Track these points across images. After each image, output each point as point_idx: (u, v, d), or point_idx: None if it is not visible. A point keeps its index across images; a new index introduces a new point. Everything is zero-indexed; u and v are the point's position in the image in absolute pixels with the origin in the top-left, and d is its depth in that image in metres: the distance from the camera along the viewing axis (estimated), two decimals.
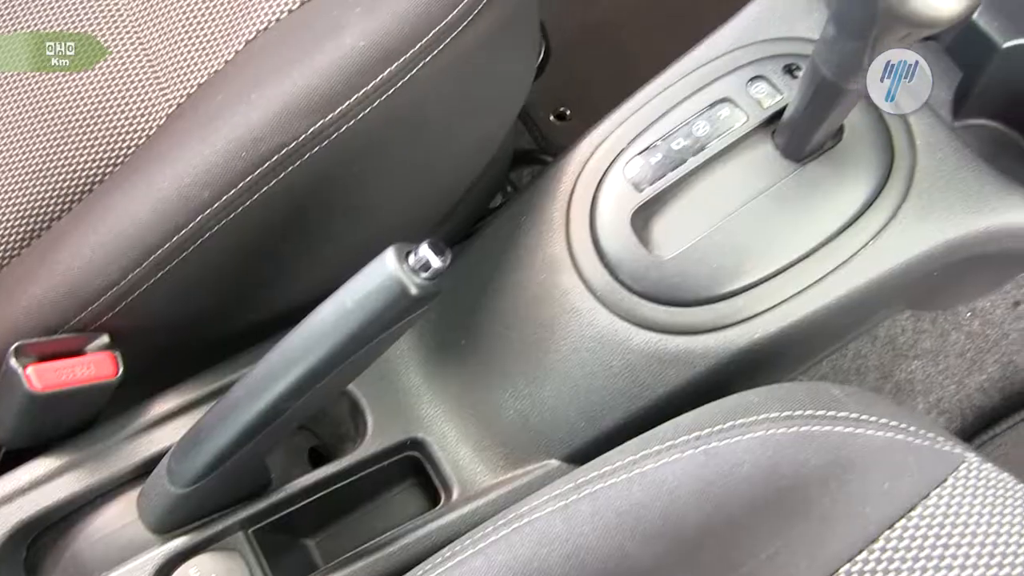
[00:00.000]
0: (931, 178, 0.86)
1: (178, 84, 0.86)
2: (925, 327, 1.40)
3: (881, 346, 1.39)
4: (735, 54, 0.91)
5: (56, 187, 0.85)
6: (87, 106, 0.86)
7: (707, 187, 0.87)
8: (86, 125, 0.86)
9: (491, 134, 0.98)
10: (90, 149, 0.86)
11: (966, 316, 1.41)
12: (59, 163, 0.85)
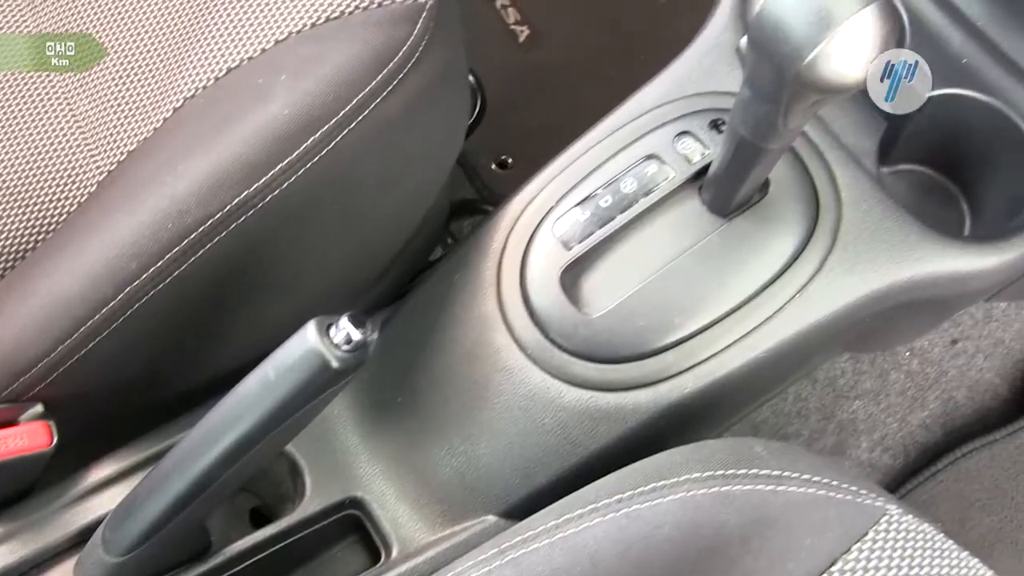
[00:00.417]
0: (856, 230, 0.88)
1: (108, 151, 0.86)
2: (864, 368, 1.41)
3: (821, 388, 1.41)
4: (662, 109, 0.92)
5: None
6: (18, 173, 0.86)
7: (635, 244, 0.87)
8: (17, 192, 0.86)
9: (423, 193, 0.99)
10: (22, 217, 0.86)
11: (905, 356, 1.42)
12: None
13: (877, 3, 0.59)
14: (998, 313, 1.45)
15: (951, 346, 1.44)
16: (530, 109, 1.52)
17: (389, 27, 0.84)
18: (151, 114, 0.86)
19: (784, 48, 0.60)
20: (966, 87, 0.94)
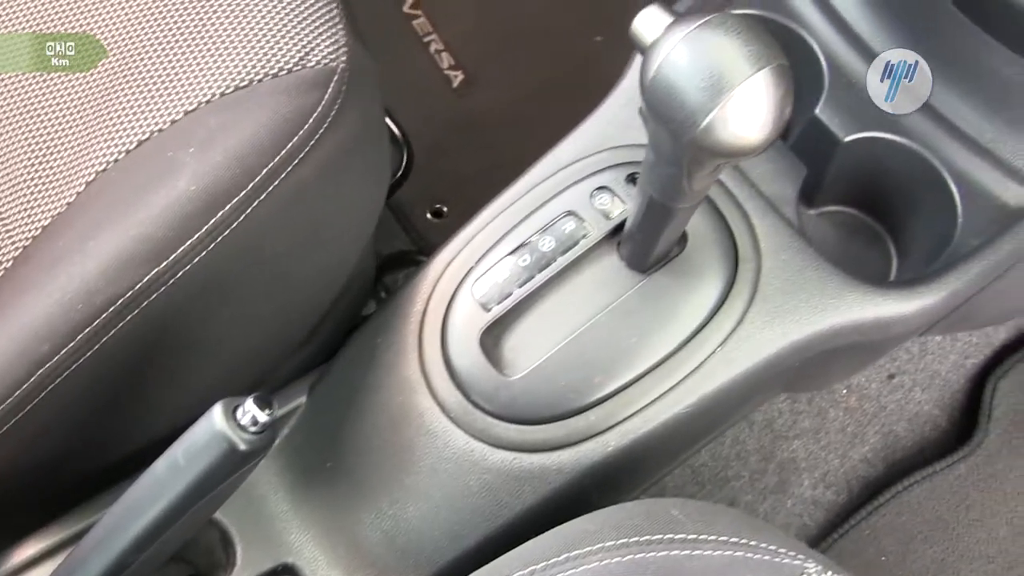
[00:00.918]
0: (776, 280, 0.88)
1: (23, 227, 0.86)
2: (802, 408, 1.42)
3: (759, 430, 1.41)
4: (579, 164, 0.92)
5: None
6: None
7: (555, 303, 0.87)
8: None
9: (344, 255, 0.98)
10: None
11: (843, 393, 1.43)
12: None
13: (771, 66, 0.58)
14: (933, 346, 1.46)
15: (888, 381, 1.44)
16: (465, 155, 1.52)
17: (299, 94, 0.84)
18: (64, 189, 0.85)
19: (678, 115, 0.59)
20: (885, 130, 0.95)
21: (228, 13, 0.87)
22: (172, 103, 0.84)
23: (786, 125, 0.62)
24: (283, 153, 0.81)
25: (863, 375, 1.44)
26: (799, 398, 1.41)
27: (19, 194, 0.86)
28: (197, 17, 0.87)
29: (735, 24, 0.59)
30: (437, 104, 1.59)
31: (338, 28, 0.89)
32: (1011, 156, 0.92)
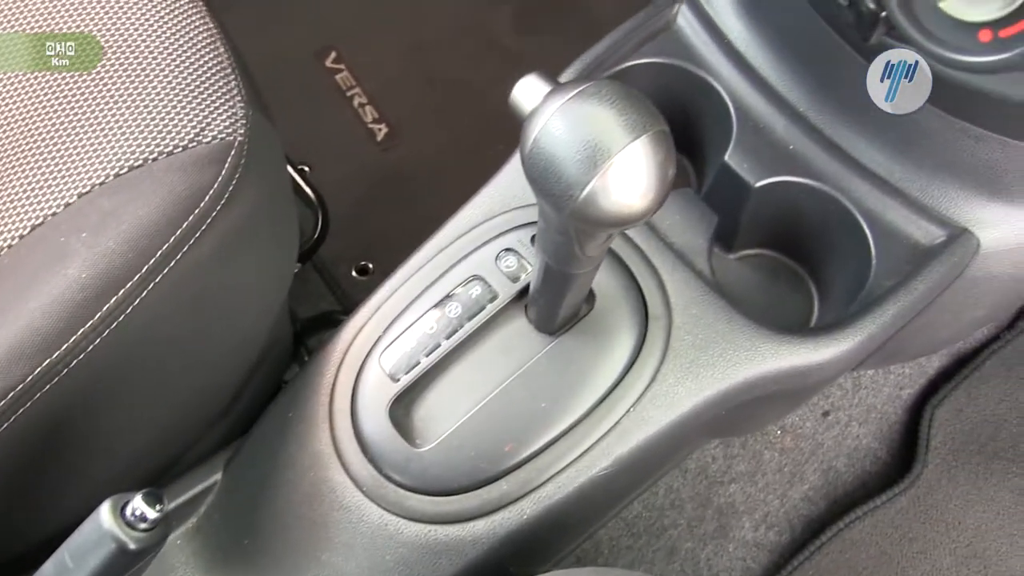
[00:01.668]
0: (688, 336, 0.87)
1: None
2: (736, 452, 1.40)
3: (693, 477, 1.39)
4: (485, 226, 0.91)
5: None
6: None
7: (464, 370, 0.86)
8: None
9: (254, 329, 0.97)
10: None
11: (777, 434, 1.42)
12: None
13: (648, 134, 0.57)
14: (867, 380, 1.46)
15: (823, 418, 1.44)
16: (390, 210, 1.51)
17: (195, 171, 0.82)
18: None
19: (555, 187, 0.58)
20: (795, 174, 0.95)
21: (122, 92, 0.86)
22: (66, 186, 0.83)
23: (670, 190, 0.61)
24: (178, 234, 0.79)
25: (797, 415, 1.43)
26: (732, 442, 1.40)
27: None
28: (92, 98, 0.86)
29: (610, 92, 0.58)
30: (362, 159, 1.59)
31: (235, 100, 0.88)
32: (921, 195, 0.92)
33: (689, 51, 1.00)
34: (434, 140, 1.59)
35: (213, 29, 0.94)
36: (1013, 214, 0.91)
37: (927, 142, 0.90)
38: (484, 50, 1.71)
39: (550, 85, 0.62)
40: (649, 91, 0.99)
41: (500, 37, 1.73)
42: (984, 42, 0.60)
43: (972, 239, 0.91)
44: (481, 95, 1.55)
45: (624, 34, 1.01)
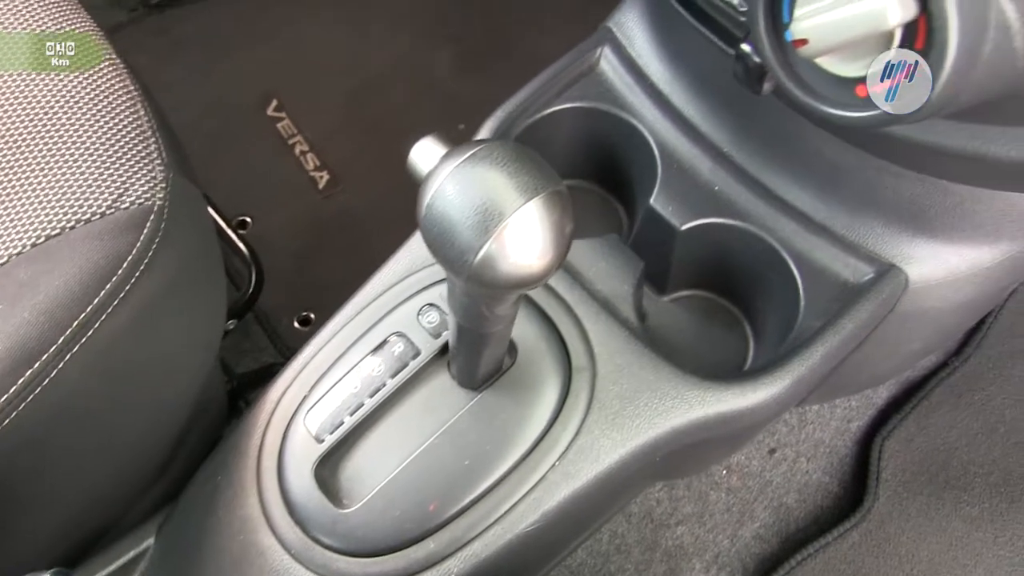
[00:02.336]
0: (614, 386, 0.86)
1: None
2: (681, 494, 1.39)
3: (638, 521, 1.38)
4: (406, 282, 0.90)
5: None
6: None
7: (388, 428, 0.85)
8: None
9: (181, 391, 0.96)
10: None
11: (722, 474, 1.41)
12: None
13: (542, 195, 0.57)
14: (812, 416, 1.45)
15: (770, 456, 1.43)
16: (331, 259, 1.50)
17: (112, 238, 0.82)
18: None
19: (450, 252, 0.58)
20: (721, 215, 0.95)
21: (40, 161, 0.85)
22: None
23: (568, 248, 0.61)
24: (95, 303, 0.79)
25: (742, 454, 1.42)
26: (676, 484, 1.39)
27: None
28: (9, 167, 0.85)
29: (502, 155, 0.58)
30: (303, 207, 1.58)
31: (155, 164, 0.87)
32: (847, 232, 0.92)
33: (612, 94, 1.00)
34: (375, 186, 1.59)
35: (134, 92, 0.93)
36: (938, 249, 0.90)
37: (849, 180, 0.89)
38: (425, 93, 1.72)
39: (445, 148, 0.62)
40: (575, 136, 1.01)
41: (441, 79, 1.74)
42: (862, 97, 0.60)
43: (900, 275, 0.91)
44: (422, 137, 1.55)
45: (547, 79, 1.01)
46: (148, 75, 1.67)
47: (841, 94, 0.61)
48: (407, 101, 1.69)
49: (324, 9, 1.82)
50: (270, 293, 1.38)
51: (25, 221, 0.82)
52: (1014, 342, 1.50)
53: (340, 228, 1.55)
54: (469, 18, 1.80)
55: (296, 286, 1.47)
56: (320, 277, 1.46)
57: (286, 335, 1.44)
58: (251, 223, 1.55)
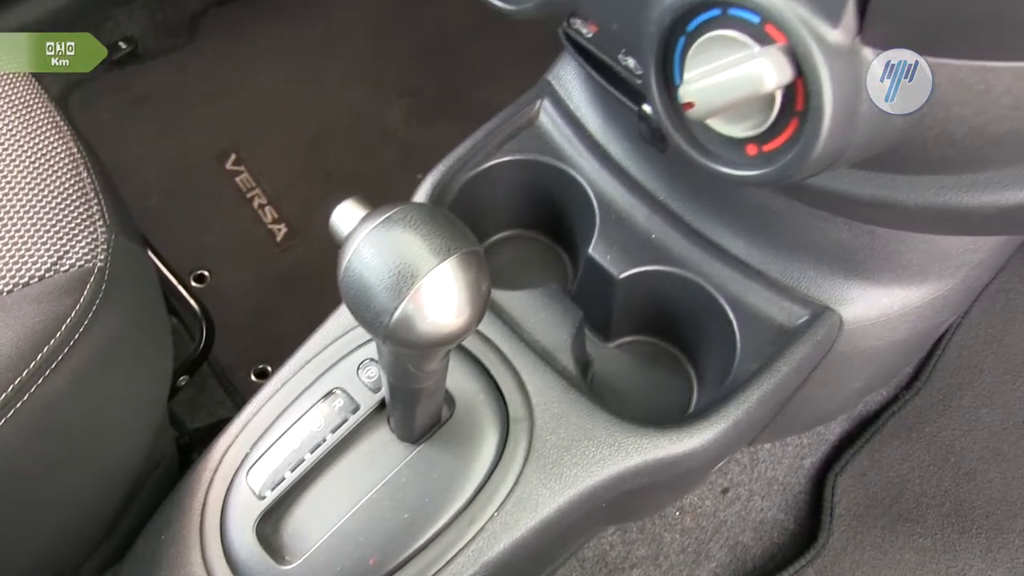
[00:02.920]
0: (551, 436, 0.88)
1: None
2: (634, 537, 1.40)
3: (592, 566, 1.38)
4: (347, 337, 0.92)
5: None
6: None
7: (328, 483, 0.86)
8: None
9: (126, 452, 0.96)
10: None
11: (676, 516, 1.42)
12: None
13: (455, 255, 0.59)
14: (764, 454, 1.46)
15: (723, 495, 1.44)
16: (288, 311, 1.51)
17: (50, 302, 0.82)
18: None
19: (368, 314, 0.60)
20: (658, 263, 0.97)
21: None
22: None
23: (486, 305, 0.62)
24: (31, 367, 0.79)
25: (695, 495, 1.43)
26: (629, 528, 1.40)
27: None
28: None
29: (416, 217, 0.60)
30: (261, 260, 1.59)
31: (97, 226, 0.88)
32: (781, 276, 0.94)
33: (552, 146, 1.02)
34: (331, 238, 1.59)
35: (76, 154, 0.94)
36: (870, 290, 0.92)
37: (780, 225, 0.91)
38: (380, 144, 1.74)
39: (365, 210, 0.63)
40: (518, 187, 1.03)
41: (396, 130, 1.76)
42: (752, 156, 0.62)
43: (834, 316, 0.93)
44: (378, 189, 1.57)
45: (487, 133, 1.03)
46: (109, 131, 1.71)
47: (732, 153, 0.64)
48: (363, 153, 1.71)
49: (281, 63, 1.85)
50: (227, 346, 1.39)
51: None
52: (961, 374, 1.52)
53: (297, 280, 1.56)
54: (423, 70, 1.82)
55: (253, 339, 1.47)
56: (277, 329, 1.47)
57: (243, 388, 1.45)
58: (209, 277, 1.56)
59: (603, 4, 0.67)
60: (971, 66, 0.54)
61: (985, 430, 1.49)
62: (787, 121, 0.59)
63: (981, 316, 1.56)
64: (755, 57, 0.56)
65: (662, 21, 0.61)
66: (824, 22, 0.55)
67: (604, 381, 1.04)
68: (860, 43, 0.55)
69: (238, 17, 1.94)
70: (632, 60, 0.68)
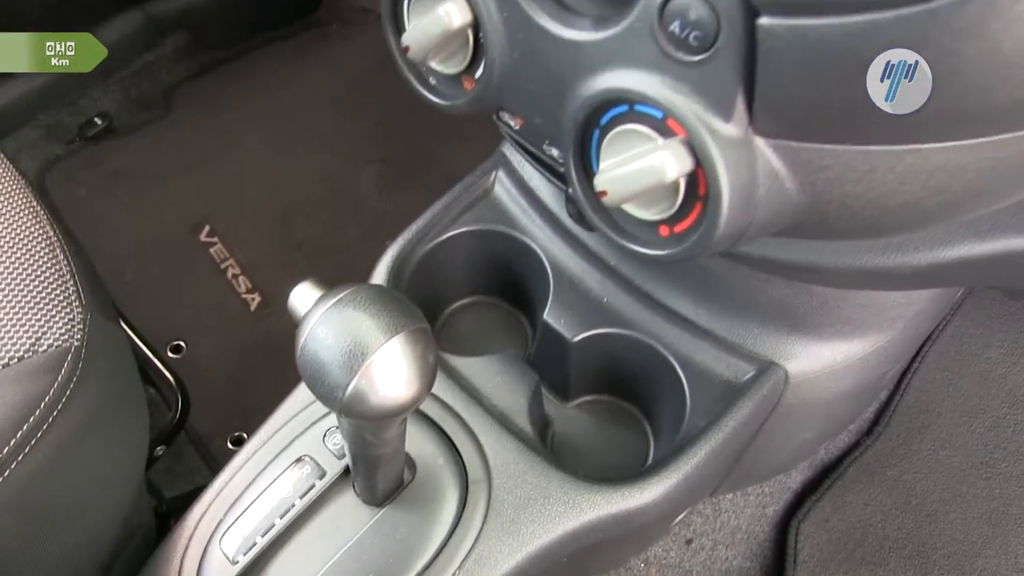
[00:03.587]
0: (509, 496, 0.91)
1: None
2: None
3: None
4: (314, 407, 0.96)
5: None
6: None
7: (297, 547, 0.89)
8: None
9: (103, 524, 0.98)
10: None
11: (640, 567, 1.44)
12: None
13: (402, 333, 0.63)
14: (727, 504, 1.49)
15: (687, 546, 1.46)
16: (264, 379, 1.54)
17: (30, 381, 0.86)
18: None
19: (323, 389, 0.64)
20: (610, 326, 1.01)
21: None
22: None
23: (434, 377, 0.67)
24: (11, 445, 0.82)
25: (659, 546, 1.45)
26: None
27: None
28: None
29: (366, 298, 0.64)
30: (236, 329, 1.63)
31: (73, 306, 0.92)
32: (728, 334, 0.98)
33: (507, 216, 1.07)
34: None
35: (52, 237, 0.98)
36: (813, 344, 0.97)
37: (724, 285, 0.96)
38: (351, 211, 1.78)
39: (320, 292, 0.68)
40: (476, 255, 1.08)
41: (366, 197, 1.81)
42: (664, 236, 0.67)
43: (779, 371, 0.97)
44: (349, 256, 1.62)
45: (445, 205, 1.07)
46: (85, 206, 1.75)
47: (647, 234, 0.68)
48: (334, 221, 1.76)
49: (252, 136, 1.90)
50: (204, 415, 1.42)
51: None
52: (920, 417, 1.56)
53: (271, 348, 1.59)
54: (391, 139, 1.87)
55: (229, 406, 1.50)
56: (252, 397, 1.49)
57: (219, 456, 1.47)
58: (185, 347, 1.59)
59: (526, 101, 0.72)
60: (854, 150, 0.59)
61: (945, 472, 1.52)
62: (692, 205, 0.64)
63: (937, 360, 1.60)
64: (659, 149, 0.61)
65: (577, 116, 0.66)
66: (718, 117, 0.60)
67: (564, 440, 1.08)
68: (752, 134, 0.60)
69: (210, 90, 2.00)
70: (555, 150, 0.73)
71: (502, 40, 0.69)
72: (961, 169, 0.59)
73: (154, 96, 1.98)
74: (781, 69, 0.56)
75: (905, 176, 0.60)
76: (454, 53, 0.73)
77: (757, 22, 0.55)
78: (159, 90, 1.99)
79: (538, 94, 0.71)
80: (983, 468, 1.52)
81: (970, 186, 0.62)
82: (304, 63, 2.05)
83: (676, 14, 0.58)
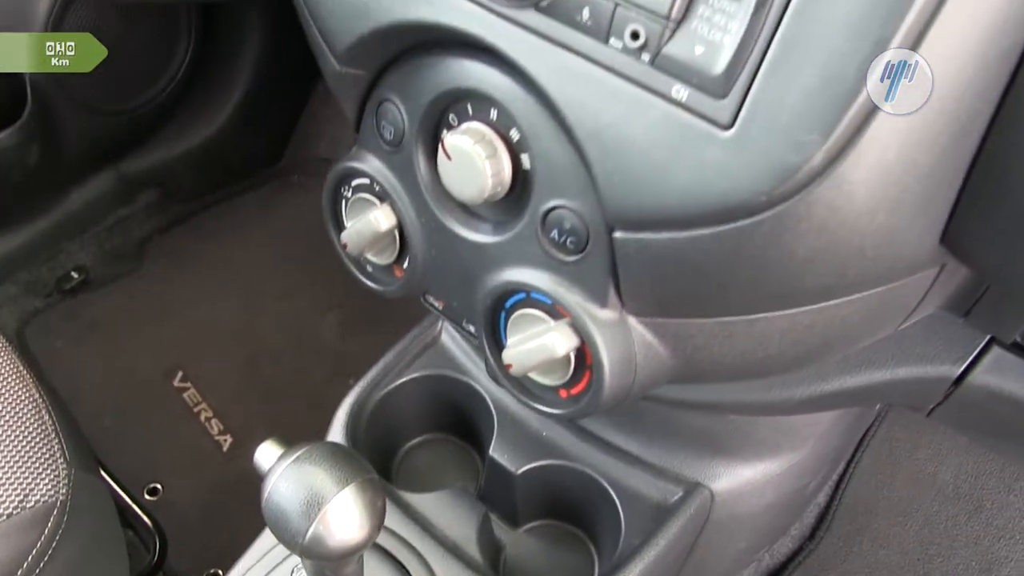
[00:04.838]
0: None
1: None
2: None
3: None
4: (281, 547, 1.04)
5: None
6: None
7: None
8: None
9: None
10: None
11: None
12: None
13: (353, 483, 0.73)
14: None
15: None
16: (237, 517, 1.58)
17: (18, 536, 0.93)
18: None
19: (285, 536, 0.73)
20: (550, 458, 1.10)
21: None
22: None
23: (383, 520, 0.76)
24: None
25: None
26: None
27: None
28: None
29: (320, 455, 0.74)
30: (210, 470, 1.71)
31: (58, 463, 1.00)
32: (657, 460, 1.08)
33: (453, 361, 1.17)
34: None
35: (37, 398, 1.06)
36: (733, 464, 1.07)
37: (650, 417, 1.05)
38: (315, 355, 1.89)
39: (281, 450, 0.78)
40: (428, 397, 1.18)
41: (329, 342, 1.92)
42: (563, 398, 0.79)
43: (705, 491, 1.06)
44: (314, 398, 1.70)
45: (397, 354, 1.18)
46: (63, 357, 1.84)
47: (550, 396, 0.80)
48: (299, 364, 1.86)
49: (221, 287, 2.00)
50: (181, 554, 1.49)
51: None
52: (859, 519, 1.63)
53: (243, 488, 1.64)
54: (351, 283, 1.97)
55: (205, 545, 1.57)
56: (227, 535, 1.55)
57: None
58: (162, 489, 1.67)
59: (445, 288, 0.84)
60: (713, 321, 0.71)
61: (884, 571, 1.59)
62: (582, 373, 0.75)
63: (870, 465, 1.68)
64: (550, 331, 0.73)
65: (485, 302, 0.79)
66: (595, 304, 0.72)
67: (516, 564, 1.16)
68: (626, 314, 0.72)
69: (181, 242, 2.11)
70: (472, 327, 0.84)
71: (422, 240, 0.82)
72: (808, 328, 0.71)
73: (128, 249, 2.09)
74: (636, 269, 0.68)
75: (762, 337, 0.72)
76: (385, 248, 0.86)
77: (613, 235, 0.67)
78: (132, 244, 2.09)
79: (454, 283, 0.83)
80: (920, 565, 1.60)
81: (823, 338, 0.73)
82: (268, 214, 2.17)
83: (555, 223, 0.71)
